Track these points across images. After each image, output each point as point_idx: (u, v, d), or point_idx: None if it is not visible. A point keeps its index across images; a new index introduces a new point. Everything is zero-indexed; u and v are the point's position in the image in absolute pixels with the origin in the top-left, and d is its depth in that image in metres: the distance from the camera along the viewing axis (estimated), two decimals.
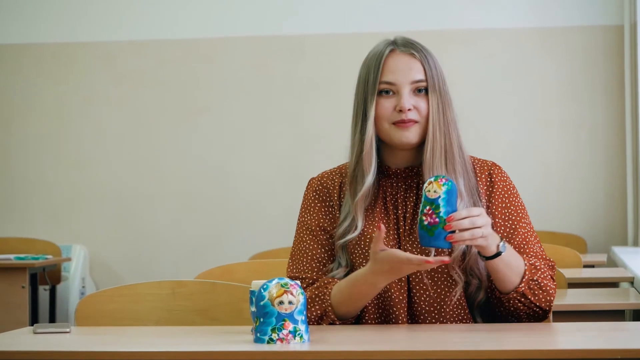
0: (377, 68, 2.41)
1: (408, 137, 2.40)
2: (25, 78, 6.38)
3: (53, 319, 5.83)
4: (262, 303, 2.04)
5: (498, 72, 6.01)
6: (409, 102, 2.40)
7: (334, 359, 1.96)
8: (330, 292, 2.38)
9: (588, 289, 3.69)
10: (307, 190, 2.53)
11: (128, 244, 6.28)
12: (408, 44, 2.44)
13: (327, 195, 2.49)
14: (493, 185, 2.46)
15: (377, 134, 2.43)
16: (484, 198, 2.43)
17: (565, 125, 5.97)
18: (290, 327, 2.04)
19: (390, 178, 2.47)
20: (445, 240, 2.19)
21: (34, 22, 6.36)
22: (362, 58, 2.48)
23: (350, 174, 2.44)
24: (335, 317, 2.37)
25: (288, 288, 2.05)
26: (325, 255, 2.46)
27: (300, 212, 2.51)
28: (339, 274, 2.42)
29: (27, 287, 5.20)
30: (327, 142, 6.01)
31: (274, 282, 2.06)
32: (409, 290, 2.40)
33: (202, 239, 6.22)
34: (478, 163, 2.48)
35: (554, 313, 2.53)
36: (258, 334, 2.05)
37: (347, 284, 2.36)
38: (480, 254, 2.32)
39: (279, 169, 6.16)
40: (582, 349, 1.91)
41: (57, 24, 6.34)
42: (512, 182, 2.49)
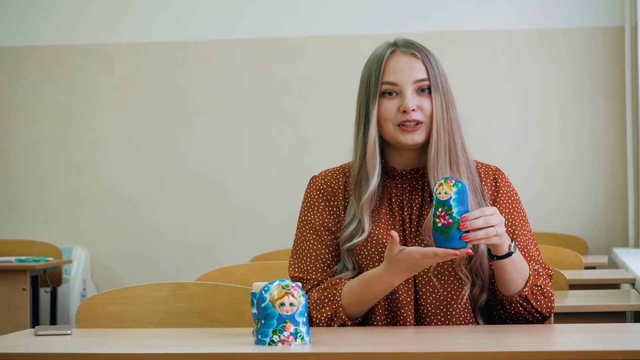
0: (378, 69, 2.40)
1: (414, 139, 2.39)
2: (25, 80, 6.38)
3: (54, 321, 5.82)
4: (263, 305, 2.04)
5: (499, 73, 6.01)
6: (413, 102, 2.39)
7: None
8: (340, 292, 2.37)
9: (589, 291, 3.69)
10: (309, 189, 2.50)
11: (129, 246, 6.28)
12: (409, 45, 2.43)
13: (331, 195, 2.47)
14: (498, 190, 2.46)
15: (381, 136, 2.42)
16: (489, 202, 2.43)
17: (566, 127, 5.97)
18: (292, 328, 2.04)
19: (396, 179, 2.46)
20: (461, 240, 2.19)
21: (34, 24, 6.36)
22: (362, 60, 2.48)
23: (355, 177, 2.43)
24: (346, 317, 2.36)
25: (289, 290, 2.05)
26: (329, 256, 2.45)
27: (302, 210, 2.49)
28: (347, 277, 2.41)
29: (28, 289, 5.20)
30: (327, 143, 6.02)
31: (275, 283, 2.05)
32: (416, 292, 2.40)
33: (202, 241, 6.21)
34: (482, 167, 2.48)
35: (555, 314, 2.54)
36: (259, 336, 2.05)
37: (359, 285, 2.35)
38: (491, 254, 2.32)
39: (279, 171, 6.16)
40: (583, 351, 1.91)
41: (56, 26, 6.34)
42: (514, 188, 2.49)
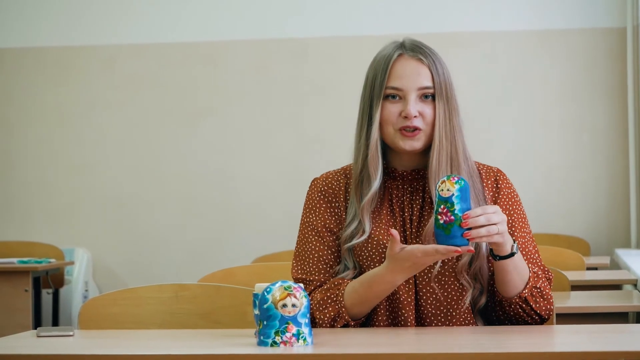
0: (384, 72, 2.40)
1: (413, 145, 2.40)
2: (26, 81, 6.38)
3: (56, 323, 5.82)
4: (265, 306, 2.04)
5: (499, 74, 6.01)
6: (415, 108, 2.38)
7: None
8: (343, 293, 2.37)
9: (591, 292, 3.69)
10: (311, 191, 2.51)
11: (131, 248, 6.28)
12: (416, 49, 2.42)
13: (332, 196, 2.47)
14: (499, 192, 2.45)
15: (382, 138, 2.43)
16: (490, 203, 2.43)
17: (567, 128, 5.97)
18: (294, 329, 2.04)
19: (397, 180, 2.46)
20: (462, 238, 2.18)
21: (35, 25, 6.36)
22: (363, 61, 2.48)
23: (356, 178, 2.43)
24: (349, 318, 2.36)
25: (291, 291, 2.05)
26: (332, 257, 2.44)
27: (304, 212, 2.49)
28: (349, 276, 2.41)
29: (30, 290, 5.20)
30: (329, 145, 6.01)
31: (277, 285, 2.06)
32: (416, 293, 2.40)
33: (204, 242, 6.21)
34: (484, 169, 2.48)
35: (557, 315, 2.54)
36: (261, 337, 2.05)
37: (362, 285, 2.35)
38: (493, 253, 2.31)
39: (281, 172, 6.16)
40: (585, 352, 1.92)
41: (57, 28, 6.34)
42: (516, 190, 2.49)
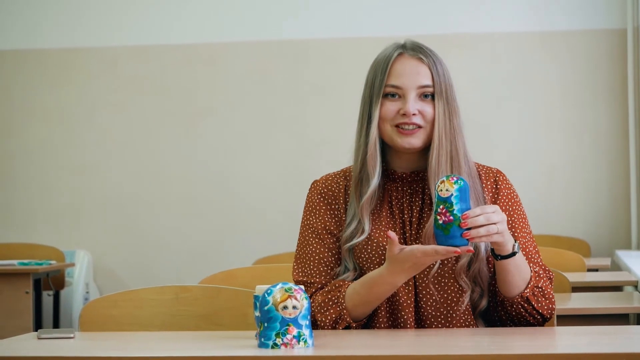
0: (384, 71, 2.41)
1: (411, 142, 2.40)
2: (27, 83, 6.38)
3: (57, 325, 5.82)
4: (266, 308, 2.04)
5: (500, 76, 6.01)
6: (414, 106, 2.39)
7: None
8: (344, 295, 2.37)
9: (592, 293, 3.69)
10: (311, 193, 2.51)
11: (131, 250, 6.28)
12: (417, 48, 2.43)
13: (332, 198, 2.48)
14: (498, 192, 2.45)
15: (381, 137, 2.43)
16: (489, 204, 2.43)
17: (568, 129, 5.97)
18: (295, 331, 2.04)
19: (396, 182, 2.46)
20: (462, 238, 2.18)
21: (36, 27, 6.36)
22: (364, 62, 2.48)
23: (355, 177, 2.44)
24: (351, 319, 2.36)
25: (292, 293, 2.05)
26: (333, 259, 2.45)
27: (304, 214, 2.50)
28: (349, 278, 2.41)
29: (30, 292, 5.20)
30: (330, 147, 6.01)
31: (278, 287, 2.06)
32: (416, 295, 2.40)
33: (205, 244, 6.21)
34: (483, 169, 2.48)
35: (558, 317, 2.53)
36: (262, 339, 2.05)
37: (363, 286, 2.35)
38: (494, 253, 2.31)
39: (282, 174, 6.16)
40: (586, 353, 1.91)
41: (58, 29, 6.34)
42: (515, 190, 2.49)
